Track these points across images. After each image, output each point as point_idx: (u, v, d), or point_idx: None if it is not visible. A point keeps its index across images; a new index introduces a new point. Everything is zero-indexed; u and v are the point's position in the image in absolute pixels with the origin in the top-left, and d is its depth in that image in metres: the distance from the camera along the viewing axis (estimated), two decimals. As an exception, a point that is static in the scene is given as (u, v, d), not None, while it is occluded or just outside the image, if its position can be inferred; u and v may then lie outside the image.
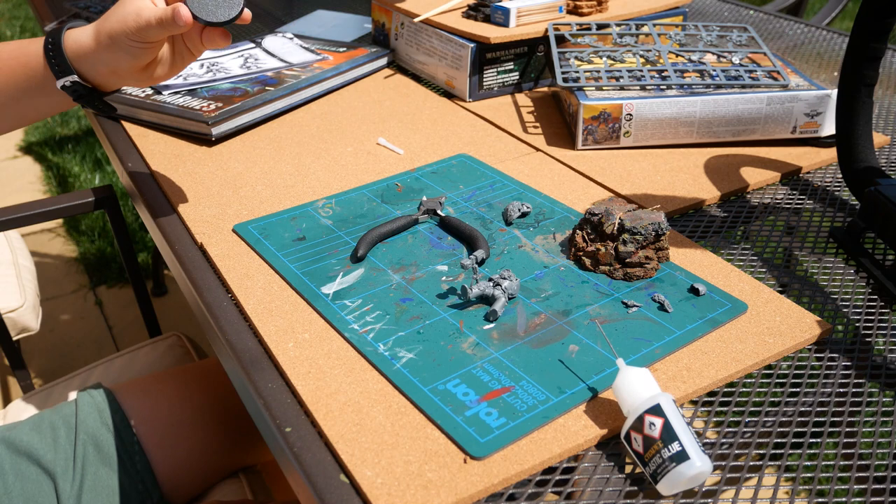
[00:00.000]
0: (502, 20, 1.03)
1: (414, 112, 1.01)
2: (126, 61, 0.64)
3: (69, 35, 0.66)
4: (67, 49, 0.66)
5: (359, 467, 0.49)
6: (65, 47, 0.66)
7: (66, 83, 0.66)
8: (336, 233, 0.74)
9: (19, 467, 0.77)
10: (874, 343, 0.61)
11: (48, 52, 0.66)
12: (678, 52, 0.98)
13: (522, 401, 0.54)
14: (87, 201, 1.09)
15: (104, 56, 0.65)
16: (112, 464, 0.80)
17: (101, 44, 0.64)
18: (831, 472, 0.50)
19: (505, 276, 0.64)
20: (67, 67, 0.66)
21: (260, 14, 1.46)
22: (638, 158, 0.88)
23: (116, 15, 0.64)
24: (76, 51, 0.66)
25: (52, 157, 2.88)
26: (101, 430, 0.81)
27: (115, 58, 0.64)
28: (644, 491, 0.49)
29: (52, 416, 0.82)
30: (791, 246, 0.74)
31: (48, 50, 0.66)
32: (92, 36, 0.65)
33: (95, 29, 0.65)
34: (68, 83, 0.66)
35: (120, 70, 0.66)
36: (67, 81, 0.66)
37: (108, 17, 0.64)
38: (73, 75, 0.66)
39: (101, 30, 0.65)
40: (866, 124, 0.74)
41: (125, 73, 0.66)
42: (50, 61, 0.66)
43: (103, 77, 0.67)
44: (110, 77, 0.67)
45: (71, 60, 0.66)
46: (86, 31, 0.66)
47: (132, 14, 0.63)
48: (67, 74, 0.66)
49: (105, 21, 0.65)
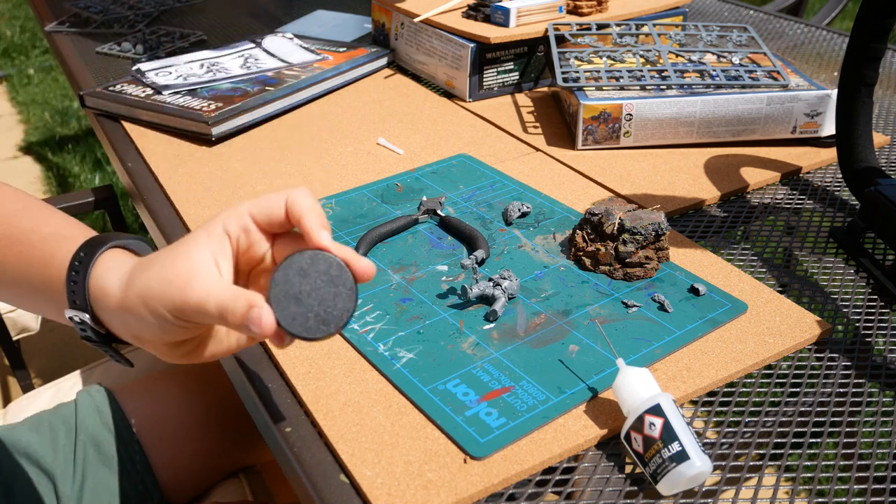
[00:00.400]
0: (502, 20, 1.03)
1: (414, 112, 1.01)
2: (152, 332, 0.47)
3: (101, 265, 0.49)
4: (92, 284, 0.49)
5: (359, 467, 0.49)
6: (90, 280, 0.49)
7: (75, 318, 0.50)
8: (336, 233, 0.74)
9: (19, 468, 0.77)
10: (874, 343, 0.61)
11: (71, 273, 0.50)
12: (678, 52, 0.98)
13: (522, 401, 0.54)
14: (87, 201, 1.09)
15: (127, 316, 0.48)
16: (112, 464, 0.80)
17: (129, 301, 0.47)
18: (831, 472, 0.50)
19: (505, 276, 0.64)
20: (84, 304, 0.49)
21: (260, 14, 1.46)
22: (638, 158, 0.88)
23: (159, 272, 0.46)
24: (95, 293, 0.49)
25: (52, 157, 2.88)
26: (102, 431, 0.81)
27: (140, 325, 0.47)
28: (644, 491, 0.49)
29: (51, 417, 0.82)
30: (791, 246, 0.74)
31: (72, 271, 0.50)
32: (120, 285, 0.48)
33: (128, 277, 0.48)
34: (77, 319, 0.50)
35: (142, 337, 0.49)
36: (77, 318, 0.50)
37: (146, 268, 0.47)
38: (86, 314, 0.50)
39: (133, 285, 0.47)
40: (866, 124, 0.74)
41: (147, 341, 0.49)
42: (69, 284, 0.50)
43: (121, 333, 0.51)
44: (128, 337, 0.50)
45: (92, 298, 0.49)
46: (119, 269, 0.49)
47: (181, 281, 0.45)
48: (81, 311, 0.50)
49: (141, 272, 0.47)
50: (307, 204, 0.46)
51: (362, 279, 0.45)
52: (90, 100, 1.02)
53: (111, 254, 0.50)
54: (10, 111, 3.43)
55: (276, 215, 0.46)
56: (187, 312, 0.45)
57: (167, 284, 0.45)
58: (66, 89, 3.57)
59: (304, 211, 0.45)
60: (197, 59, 1.11)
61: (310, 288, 0.44)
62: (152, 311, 0.45)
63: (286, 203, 0.46)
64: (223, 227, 0.47)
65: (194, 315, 0.45)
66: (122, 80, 1.05)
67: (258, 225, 0.47)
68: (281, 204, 0.46)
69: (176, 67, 1.07)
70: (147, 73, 1.05)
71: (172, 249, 0.47)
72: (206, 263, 0.45)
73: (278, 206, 0.46)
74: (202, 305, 0.44)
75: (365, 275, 0.45)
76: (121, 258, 0.50)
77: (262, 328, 0.43)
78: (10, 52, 4.03)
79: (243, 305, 0.43)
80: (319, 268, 0.44)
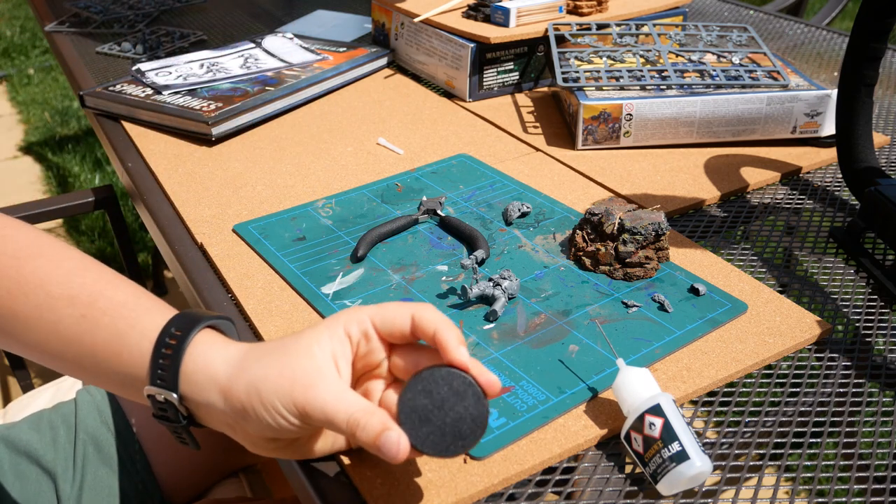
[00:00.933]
0: (502, 20, 1.03)
1: (414, 112, 1.01)
2: (257, 426, 0.44)
3: (197, 346, 0.47)
4: (187, 365, 0.46)
5: (359, 467, 0.49)
6: (184, 360, 0.46)
7: (157, 397, 0.47)
8: (336, 233, 0.74)
9: (19, 467, 0.77)
10: (874, 343, 0.61)
11: (161, 350, 0.47)
12: (678, 52, 0.98)
13: (522, 401, 0.54)
14: (87, 201, 1.09)
15: (230, 405, 0.45)
16: (112, 464, 0.80)
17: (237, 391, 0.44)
18: (831, 472, 0.50)
19: (505, 276, 0.64)
20: (174, 384, 0.46)
21: (260, 14, 1.46)
22: (638, 158, 0.88)
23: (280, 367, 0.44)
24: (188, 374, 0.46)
25: (52, 157, 2.88)
26: (101, 430, 0.81)
27: (245, 416, 0.44)
28: (644, 491, 0.49)
29: (51, 415, 0.82)
30: (791, 246, 0.74)
31: (162, 347, 0.47)
32: (228, 371, 0.45)
33: (238, 365, 0.45)
34: (161, 399, 0.47)
35: (242, 428, 0.45)
36: (161, 397, 0.47)
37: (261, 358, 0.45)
38: (174, 394, 0.46)
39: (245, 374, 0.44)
40: (866, 124, 0.74)
41: (242, 434, 0.46)
42: (155, 362, 0.47)
43: (210, 420, 0.47)
44: (220, 425, 0.47)
45: (183, 379, 0.46)
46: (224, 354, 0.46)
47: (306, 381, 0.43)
48: (168, 390, 0.46)
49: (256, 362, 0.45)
50: (440, 319, 0.45)
51: (489, 394, 0.44)
52: (90, 100, 1.02)
53: (206, 334, 0.48)
54: (10, 111, 3.43)
55: (399, 326, 0.46)
56: (310, 415, 0.43)
57: (289, 382, 0.43)
58: (66, 89, 3.57)
59: (440, 325, 0.45)
60: (197, 59, 1.11)
61: (440, 404, 0.43)
62: (268, 405, 0.43)
63: (413, 318, 0.45)
64: (345, 328, 0.46)
65: (318, 420, 0.43)
66: (122, 80, 1.05)
67: (378, 333, 0.46)
68: (406, 317, 0.46)
69: (176, 67, 1.07)
70: (147, 73, 1.05)
71: (291, 343, 0.45)
72: (329, 366, 0.44)
73: (402, 318, 0.46)
74: (330, 414, 0.42)
75: (491, 389, 0.44)
76: (220, 342, 0.48)
77: (398, 453, 0.41)
78: (10, 52, 4.04)
79: (377, 425, 0.42)
80: (452, 384, 0.44)
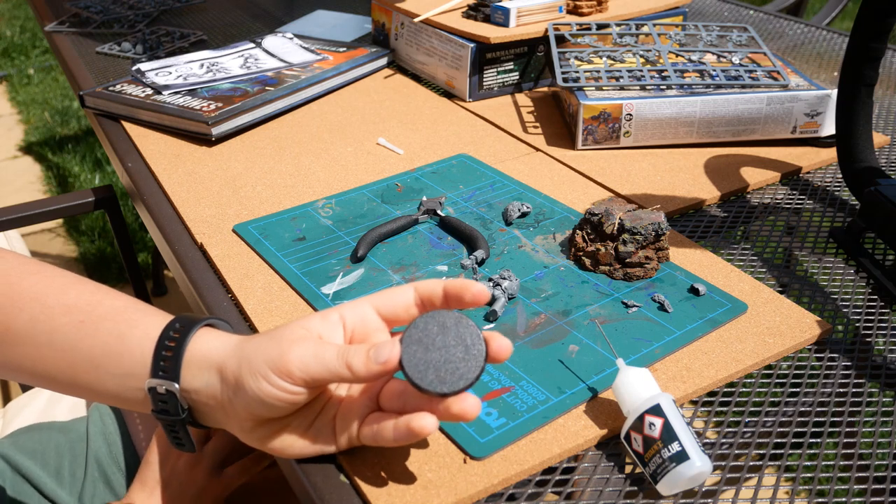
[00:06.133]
0: (502, 20, 1.03)
1: (414, 112, 1.01)
2: (246, 401, 0.46)
3: (199, 339, 0.49)
4: (188, 355, 0.48)
5: (359, 467, 0.49)
6: (185, 352, 0.48)
7: (158, 388, 0.48)
8: (336, 233, 0.74)
9: (20, 488, 0.76)
10: (874, 343, 0.61)
11: (164, 342, 0.49)
12: (678, 52, 0.98)
13: (522, 401, 0.54)
14: (87, 201, 1.09)
15: (220, 380, 0.47)
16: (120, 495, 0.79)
17: (229, 365, 0.47)
18: (831, 472, 0.50)
19: (505, 276, 0.64)
20: (175, 373, 0.48)
21: (260, 14, 1.46)
22: (638, 158, 0.88)
23: (267, 338, 0.46)
24: (193, 360, 0.48)
25: (52, 157, 2.88)
26: (111, 467, 0.78)
27: (234, 389, 0.46)
28: (644, 491, 0.49)
29: (58, 440, 0.80)
30: (791, 246, 0.74)
31: (165, 340, 0.49)
32: (224, 350, 0.48)
33: (233, 347, 0.48)
34: (163, 390, 0.48)
35: (231, 412, 0.47)
36: (163, 388, 0.48)
37: (254, 340, 0.47)
38: (175, 383, 0.48)
39: (238, 353, 0.47)
40: (866, 124, 0.74)
41: (235, 419, 0.48)
42: (158, 354, 0.49)
43: (206, 409, 0.49)
44: (216, 413, 0.49)
45: (184, 365, 0.48)
46: (221, 339, 0.49)
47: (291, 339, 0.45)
48: (169, 380, 0.48)
49: (248, 342, 0.47)
50: (441, 279, 0.48)
51: (496, 358, 0.45)
52: (90, 100, 1.02)
53: (205, 330, 0.50)
54: (10, 111, 3.43)
55: (403, 300, 0.48)
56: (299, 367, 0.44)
57: (276, 345, 0.45)
58: (66, 89, 3.57)
59: (445, 280, 0.47)
60: (197, 59, 1.11)
61: (442, 343, 0.44)
62: (255, 372, 0.44)
63: (416, 288, 0.48)
64: (339, 314, 0.48)
65: (308, 369, 0.44)
66: (122, 80, 1.05)
67: (382, 315, 0.48)
68: (409, 289, 0.48)
69: (176, 67, 1.07)
70: (147, 73, 1.05)
71: (283, 326, 0.47)
72: (314, 337, 0.46)
73: (405, 291, 0.48)
74: (319, 353, 0.44)
75: (500, 354, 0.45)
76: (218, 333, 0.50)
77: (390, 357, 0.43)
78: (10, 52, 4.04)
79: (367, 346, 0.44)
80: (460, 331, 0.44)
